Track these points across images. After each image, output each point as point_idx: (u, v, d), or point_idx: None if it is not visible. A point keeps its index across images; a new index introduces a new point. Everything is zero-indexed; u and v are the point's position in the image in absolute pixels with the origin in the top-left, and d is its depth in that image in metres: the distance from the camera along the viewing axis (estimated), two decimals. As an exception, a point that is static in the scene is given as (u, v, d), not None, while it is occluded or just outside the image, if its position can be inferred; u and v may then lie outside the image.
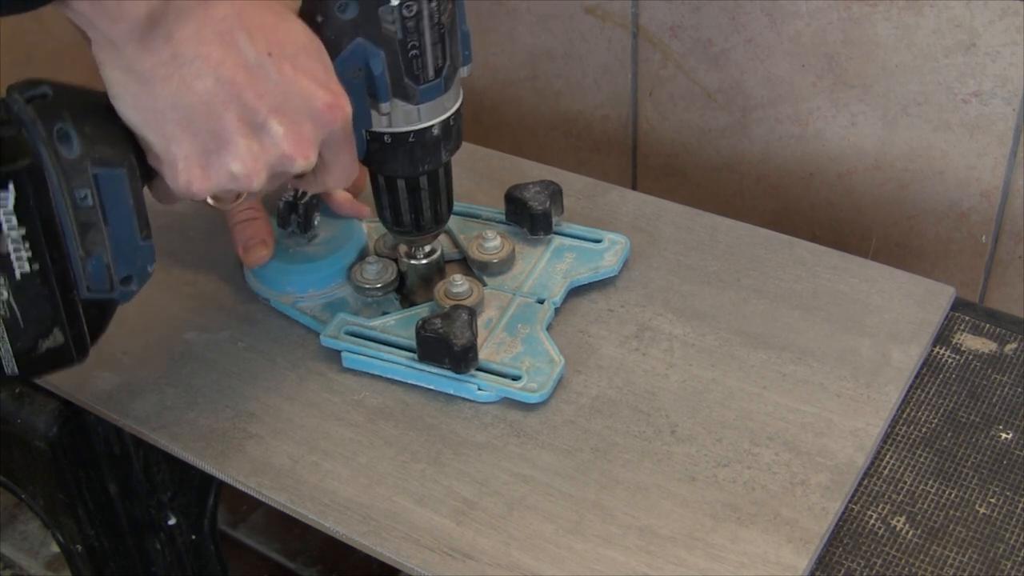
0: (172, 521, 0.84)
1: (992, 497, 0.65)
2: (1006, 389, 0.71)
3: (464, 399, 0.70)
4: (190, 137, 0.57)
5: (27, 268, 0.57)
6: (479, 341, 0.71)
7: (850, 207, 1.05)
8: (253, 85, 0.57)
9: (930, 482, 0.66)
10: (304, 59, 0.59)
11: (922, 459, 0.67)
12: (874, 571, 0.61)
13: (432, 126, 0.67)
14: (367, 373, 0.72)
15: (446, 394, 0.71)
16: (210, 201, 0.64)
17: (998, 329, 0.75)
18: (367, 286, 0.76)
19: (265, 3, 0.58)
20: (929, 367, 0.72)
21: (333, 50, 0.61)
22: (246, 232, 0.76)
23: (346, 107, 0.60)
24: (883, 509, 0.64)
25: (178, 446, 0.70)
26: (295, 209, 0.77)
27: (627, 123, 1.14)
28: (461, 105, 0.69)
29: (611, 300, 0.77)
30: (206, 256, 0.82)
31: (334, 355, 0.73)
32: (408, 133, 0.67)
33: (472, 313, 0.70)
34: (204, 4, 0.55)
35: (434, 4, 0.62)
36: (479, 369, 0.70)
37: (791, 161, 1.05)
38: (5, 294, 0.57)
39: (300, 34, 0.59)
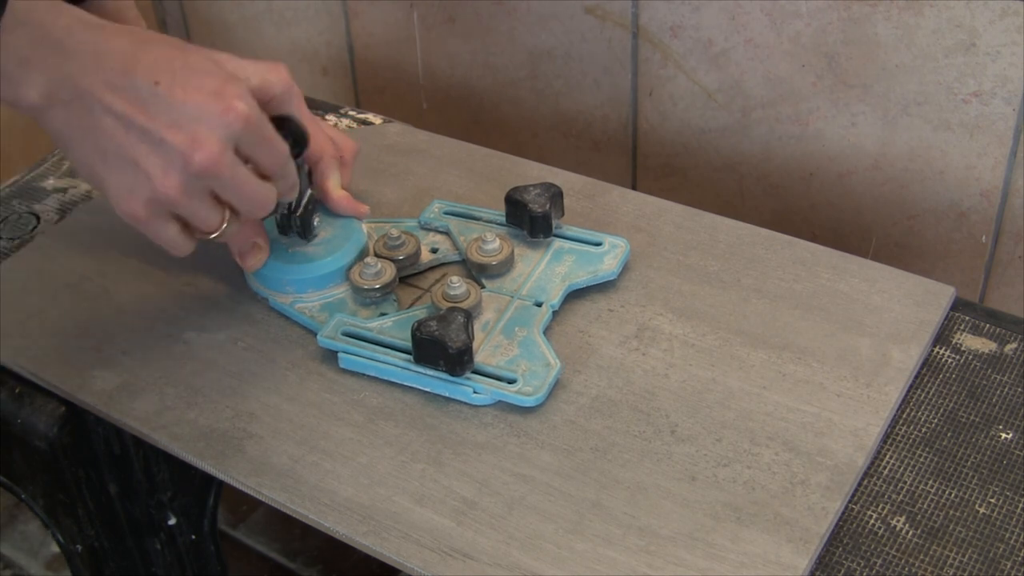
0: (172, 521, 0.84)
1: (992, 497, 0.65)
2: (1006, 389, 0.71)
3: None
4: (112, 170, 0.66)
5: None
6: (476, 344, 0.71)
7: (850, 207, 1.05)
8: (145, 111, 0.64)
9: (930, 482, 0.66)
10: (196, 79, 0.65)
11: (922, 459, 0.67)
12: (874, 571, 0.61)
13: None
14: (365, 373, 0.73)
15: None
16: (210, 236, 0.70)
17: (998, 329, 0.75)
18: (366, 287, 0.76)
19: (168, 42, 0.67)
20: (929, 367, 0.72)
21: None
22: (237, 238, 0.76)
23: (240, 108, 0.66)
24: (883, 509, 0.64)
25: (178, 446, 0.70)
26: (291, 219, 0.77)
27: (627, 123, 1.14)
28: None
29: (611, 300, 0.77)
30: (206, 256, 0.82)
31: (334, 355, 0.73)
32: None
33: (469, 315, 0.70)
34: (94, 54, 0.65)
35: None
36: (475, 372, 0.70)
37: (791, 161, 1.06)
38: None
39: (194, 60, 0.67)
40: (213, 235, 0.70)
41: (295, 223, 0.77)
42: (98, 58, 0.64)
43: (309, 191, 0.76)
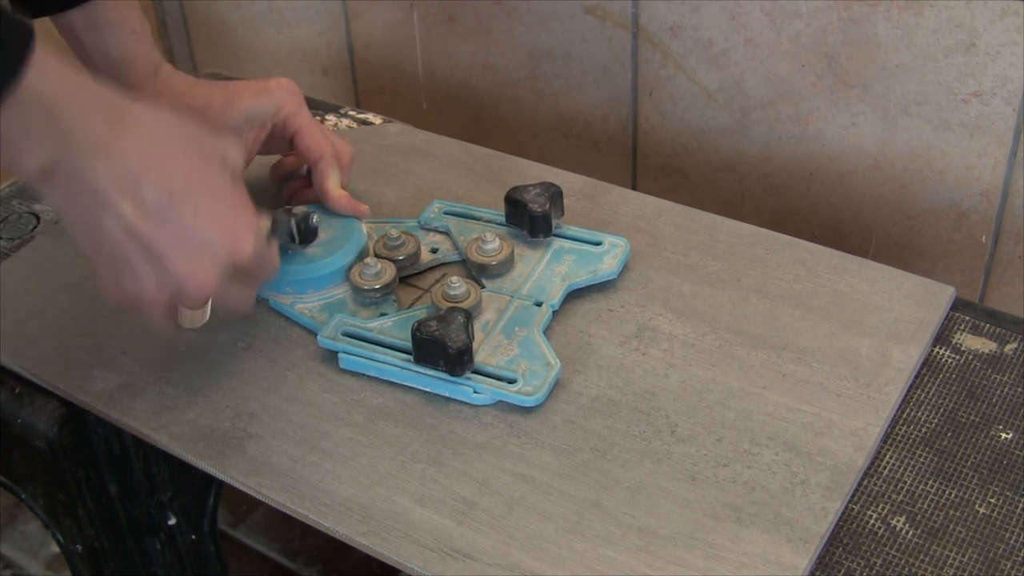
0: (172, 521, 0.84)
1: (992, 497, 0.65)
2: (1006, 389, 0.71)
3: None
4: (104, 260, 0.64)
5: None
6: (476, 344, 0.71)
7: (850, 207, 1.05)
8: (150, 222, 0.62)
9: (930, 482, 0.66)
10: (207, 201, 0.63)
11: (922, 459, 0.67)
12: (874, 571, 0.61)
13: None
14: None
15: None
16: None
17: (998, 329, 0.75)
18: (366, 287, 0.76)
19: (187, 136, 0.64)
20: (929, 367, 0.72)
21: None
22: None
23: (246, 249, 0.65)
24: (883, 509, 0.64)
25: (178, 446, 0.70)
26: (292, 236, 0.76)
27: (627, 123, 1.14)
28: None
29: (611, 300, 0.77)
30: (206, 256, 0.82)
31: (334, 355, 0.73)
32: None
33: (468, 315, 0.70)
34: (107, 150, 0.60)
35: None
36: (475, 372, 0.70)
37: (791, 161, 1.05)
38: None
39: (209, 176, 0.64)
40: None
41: (293, 237, 0.76)
42: (111, 157, 0.60)
43: (293, 221, 0.76)
